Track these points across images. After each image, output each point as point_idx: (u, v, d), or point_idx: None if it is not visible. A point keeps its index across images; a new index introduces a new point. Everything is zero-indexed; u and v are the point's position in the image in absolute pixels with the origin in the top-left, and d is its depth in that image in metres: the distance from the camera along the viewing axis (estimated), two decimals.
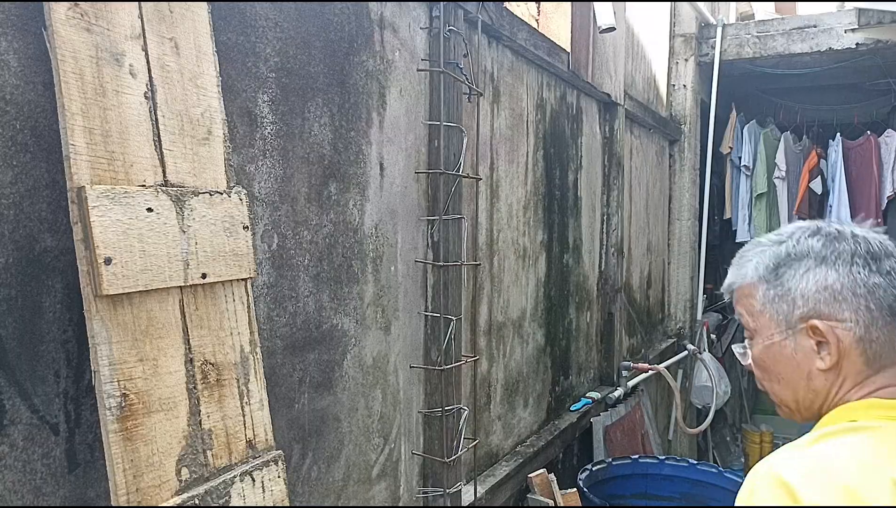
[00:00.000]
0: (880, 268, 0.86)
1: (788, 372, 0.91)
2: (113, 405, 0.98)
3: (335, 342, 1.63)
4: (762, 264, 0.92)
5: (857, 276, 0.86)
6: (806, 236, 0.90)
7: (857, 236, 0.88)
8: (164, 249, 1.05)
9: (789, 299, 0.89)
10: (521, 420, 2.74)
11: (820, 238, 0.89)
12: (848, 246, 0.87)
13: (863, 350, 0.86)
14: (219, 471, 1.13)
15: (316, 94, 1.54)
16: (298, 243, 1.50)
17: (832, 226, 0.90)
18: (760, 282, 0.92)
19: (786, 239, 0.92)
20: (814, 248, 0.89)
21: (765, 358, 0.94)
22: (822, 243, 0.88)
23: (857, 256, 0.87)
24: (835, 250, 0.87)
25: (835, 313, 0.86)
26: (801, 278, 0.88)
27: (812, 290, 0.87)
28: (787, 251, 0.90)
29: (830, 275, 0.86)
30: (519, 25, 2.48)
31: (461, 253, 2.05)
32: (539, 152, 2.78)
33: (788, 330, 0.90)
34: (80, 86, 0.97)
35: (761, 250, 0.93)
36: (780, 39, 4.74)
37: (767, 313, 0.91)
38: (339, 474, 1.66)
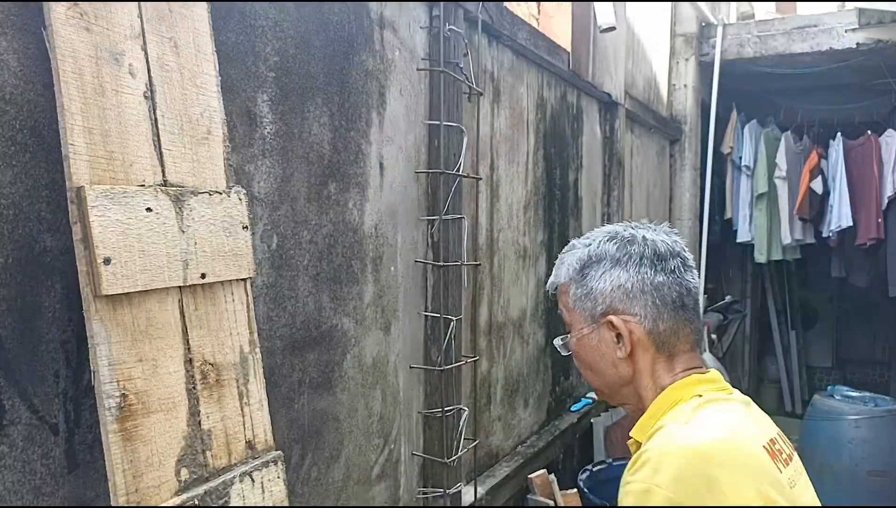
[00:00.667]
0: (665, 267, 0.99)
1: (597, 361, 1.04)
2: (112, 405, 0.98)
3: (335, 342, 1.63)
4: (572, 266, 1.04)
5: (645, 276, 0.98)
6: (605, 240, 1.02)
7: (646, 240, 1.00)
8: (163, 249, 1.05)
9: (592, 298, 1.01)
10: (521, 421, 2.73)
11: (616, 242, 1.01)
12: (637, 249, 0.99)
13: (653, 340, 0.99)
14: (218, 472, 1.13)
15: (316, 93, 1.54)
16: (298, 243, 1.50)
17: (627, 231, 1.02)
18: (571, 282, 1.04)
19: (591, 243, 1.04)
20: (609, 251, 1.01)
21: (578, 349, 1.06)
22: (616, 247, 1.01)
23: (645, 257, 0.99)
24: (626, 253, 1.00)
25: (627, 308, 0.99)
26: (599, 279, 1.00)
27: (608, 289, 1.00)
28: (588, 254, 1.02)
29: (622, 275, 0.99)
30: (519, 25, 2.48)
31: (461, 253, 2.05)
32: (539, 152, 2.77)
33: (593, 324, 1.02)
34: (79, 86, 0.97)
35: (572, 253, 1.05)
36: (780, 39, 4.74)
37: (577, 310, 1.03)
38: (339, 474, 1.66)
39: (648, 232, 1.02)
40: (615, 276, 1.00)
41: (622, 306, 0.99)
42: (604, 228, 1.07)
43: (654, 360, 1.00)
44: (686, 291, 1.00)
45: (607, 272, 1.00)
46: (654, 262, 0.99)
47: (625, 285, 0.99)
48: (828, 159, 5.33)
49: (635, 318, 0.99)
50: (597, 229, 1.09)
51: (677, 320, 0.99)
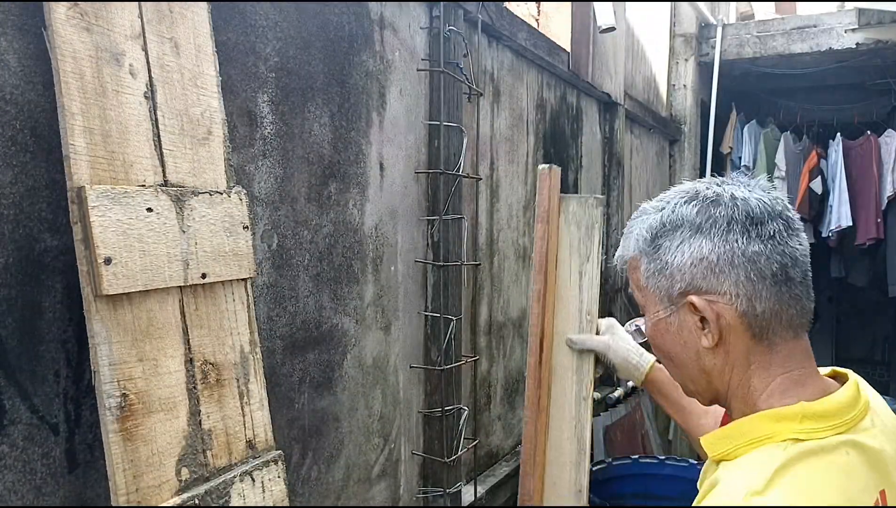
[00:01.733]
0: (761, 233, 0.79)
1: (677, 351, 0.87)
2: (113, 405, 0.98)
3: (335, 342, 1.63)
4: (641, 236, 0.87)
5: (735, 245, 0.79)
6: (682, 202, 0.83)
7: (735, 199, 0.81)
8: (163, 249, 1.05)
9: (668, 274, 0.83)
10: (521, 420, 2.73)
11: (696, 204, 0.82)
12: (725, 211, 0.80)
13: (748, 325, 0.80)
14: (219, 471, 1.13)
15: (316, 94, 1.54)
16: (298, 243, 1.50)
17: (711, 189, 0.83)
18: (642, 255, 0.87)
19: (664, 206, 0.86)
20: (688, 216, 0.82)
21: (655, 335, 0.89)
22: (696, 210, 0.82)
23: (735, 222, 0.79)
24: (710, 217, 0.80)
25: (713, 287, 0.80)
26: (676, 251, 0.82)
27: (688, 263, 0.81)
28: (662, 220, 0.84)
29: (706, 245, 0.80)
30: (519, 25, 2.48)
31: (461, 253, 2.05)
32: (539, 152, 2.78)
33: (671, 306, 0.84)
34: (79, 86, 0.97)
35: (642, 219, 0.88)
36: (780, 39, 4.74)
37: (651, 289, 0.86)
38: (339, 474, 1.66)
39: (739, 189, 0.82)
40: (696, 246, 0.81)
41: (706, 284, 0.80)
42: (682, 186, 0.88)
43: (749, 352, 0.81)
44: (792, 260, 0.79)
45: (686, 242, 0.81)
46: (746, 227, 0.79)
47: (708, 257, 0.80)
48: (827, 160, 5.33)
49: (724, 298, 0.80)
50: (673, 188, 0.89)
51: (780, 298, 0.79)
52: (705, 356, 0.83)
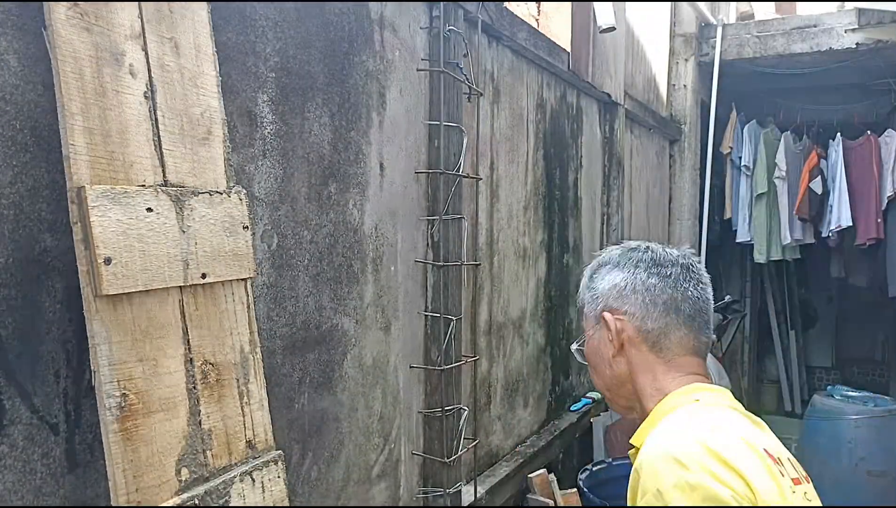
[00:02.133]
0: (661, 272, 1.02)
1: (597, 361, 1.08)
2: (113, 405, 0.98)
3: (335, 342, 1.63)
4: (585, 276, 1.11)
5: (638, 277, 1.03)
6: (615, 251, 1.09)
7: (650, 249, 1.06)
8: (163, 249, 1.05)
9: (595, 298, 1.07)
10: (521, 420, 2.73)
11: (621, 250, 1.08)
12: (638, 254, 1.05)
13: (644, 338, 1.02)
14: (219, 471, 1.13)
15: (316, 93, 1.54)
16: (298, 243, 1.50)
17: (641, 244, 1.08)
18: (584, 290, 1.11)
19: (604, 253, 1.11)
20: (613, 256, 1.07)
21: (587, 353, 1.11)
22: (619, 253, 1.07)
23: (642, 261, 1.04)
24: (626, 257, 1.06)
25: (619, 306, 1.03)
26: (601, 280, 1.07)
27: (606, 288, 1.05)
28: (599, 262, 1.10)
29: (618, 276, 1.04)
30: (519, 25, 2.48)
31: (461, 253, 2.05)
32: (539, 152, 2.77)
33: (596, 325, 1.07)
34: (79, 86, 0.97)
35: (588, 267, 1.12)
36: (780, 39, 4.74)
37: (587, 314, 1.09)
38: (339, 474, 1.66)
39: (659, 247, 1.07)
40: (612, 276, 1.05)
41: (616, 304, 1.04)
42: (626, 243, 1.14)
43: (652, 362, 1.02)
44: (681, 296, 1.02)
45: (608, 274, 1.06)
46: (649, 266, 1.04)
47: (619, 284, 1.04)
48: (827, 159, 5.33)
49: (626, 316, 1.02)
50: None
51: (668, 322, 1.01)
52: (613, 363, 1.05)
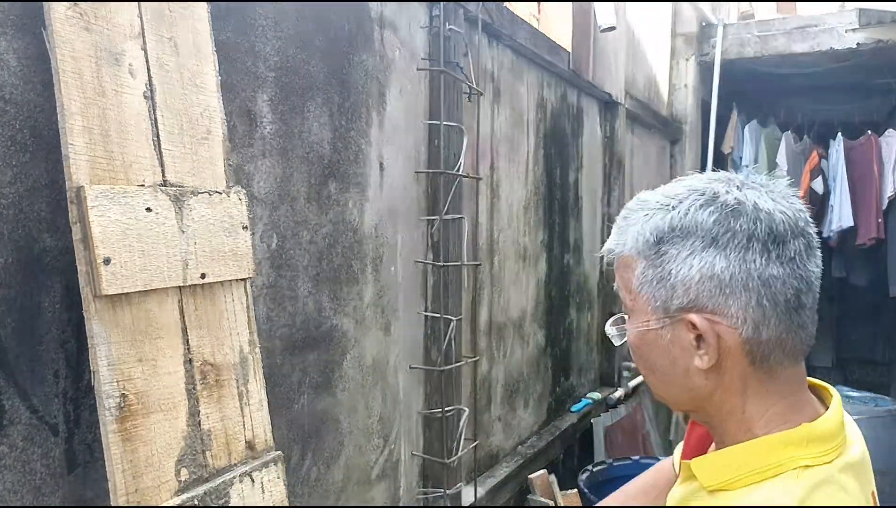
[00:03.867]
0: (782, 254, 0.72)
1: (664, 365, 0.79)
2: (112, 405, 0.98)
3: (335, 342, 1.63)
4: (643, 236, 0.76)
5: (752, 265, 0.71)
6: (698, 205, 0.73)
7: (759, 211, 0.72)
8: (163, 249, 1.05)
9: (668, 285, 0.74)
10: (521, 421, 2.73)
11: (714, 211, 0.72)
12: (746, 225, 0.71)
13: (749, 351, 0.74)
14: (218, 472, 1.13)
15: (315, 93, 1.54)
16: (298, 243, 1.50)
17: (732, 193, 0.73)
18: (640, 257, 0.77)
19: (675, 205, 0.75)
20: (704, 224, 0.72)
21: (639, 344, 0.80)
22: (714, 219, 0.72)
23: (755, 239, 0.71)
24: (729, 230, 0.71)
25: (719, 307, 0.72)
26: (683, 262, 0.73)
27: (696, 278, 0.73)
28: (672, 224, 0.74)
29: (719, 262, 0.72)
30: (519, 24, 2.48)
31: (461, 253, 2.05)
32: (540, 152, 2.77)
33: (666, 319, 0.76)
34: (79, 85, 0.97)
35: (645, 214, 0.77)
36: (781, 39, 4.74)
37: (645, 295, 0.77)
38: (339, 475, 1.66)
39: (762, 197, 0.73)
40: (709, 261, 0.72)
41: (712, 303, 0.73)
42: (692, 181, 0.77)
43: (746, 377, 0.75)
44: (807, 285, 0.73)
45: (697, 254, 0.72)
46: (767, 246, 0.71)
47: (720, 275, 0.72)
48: (828, 159, 5.33)
49: (729, 320, 0.73)
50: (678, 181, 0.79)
51: (789, 326, 0.73)
52: (695, 376, 0.76)
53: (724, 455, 0.77)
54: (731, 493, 0.74)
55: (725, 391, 0.76)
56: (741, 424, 0.77)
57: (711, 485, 0.76)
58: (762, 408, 0.76)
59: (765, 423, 0.76)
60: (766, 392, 0.76)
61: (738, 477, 0.74)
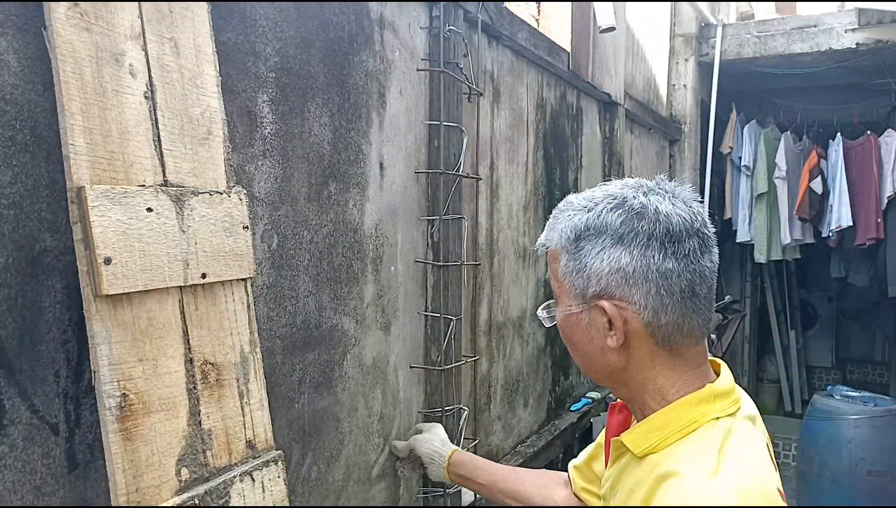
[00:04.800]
0: (678, 251, 0.84)
1: (584, 344, 0.92)
2: (113, 405, 0.98)
3: (335, 342, 1.63)
4: (565, 233, 0.90)
5: (651, 260, 0.84)
6: (609, 208, 0.86)
7: (659, 214, 0.84)
8: (163, 249, 1.05)
9: (584, 275, 0.88)
10: (521, 420, 2.74)
11: (622, 214, 0.85)
12: (647, 226, 0.84)
13: (651, 332, 0.86)
14: (219, 471, 1.13)
15: (316, 93, 1.54)
16: (298, 243, 1.50)
17: (638, 198, 0.86)
18: (563, 251, 0.90)
19: (591, 207, 0.88)
20: (612, 224, 0.86)
21: (564, 326, 0.94)
22: (621, 220, 0.85)
23: (654, 238, 0.84)
24: (633, 230, 0.84)
25: (625, 295, 0.85)
26: (596, 256, 0.86)
27: (605, 270, 0.86)
28: (587, 223, 0.87)
29: (624, 257, 0.85)
30: (519, 25, 2.48)
31: (461, 253, 2.05)
32: (539, 152, 2.78)
33: (584, 304, 0.89)
34: (79, 86, 0.97)
35: (569, 214, 0.90)
36: (780, 39, 4.74)
37: (567, 283, 0.90)
38: (339, 474, 1.66)
39: (664, 201, 0.86)
40: (615, 256, 0.85)
41: (619, 292, 0.86)
42: (609, 187, 0.91)
43: (653, 355, 0.88)
44: (699, 277, 0.86)
45: (606, 250, 0.86)
46: (664, 243, 0.84)
47: (625, 268, 0.85)
48: (827, 159, 5.33)
49: (633, 307, 0.86)
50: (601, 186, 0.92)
51: (684, 311, 0.86)
52: (609, 354, 0.89)
53: (647, 422, 0.89)
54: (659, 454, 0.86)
55: (636, 367, 0.89)
56: (655, 394, 0.89)
57: (641, 451, 0.87)
58: (671, 379, 0.89)
59: (676, 390, 0.89)
60: (672, 366, 0.89)
61: (662, 438, 0.86)
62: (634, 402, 0.93)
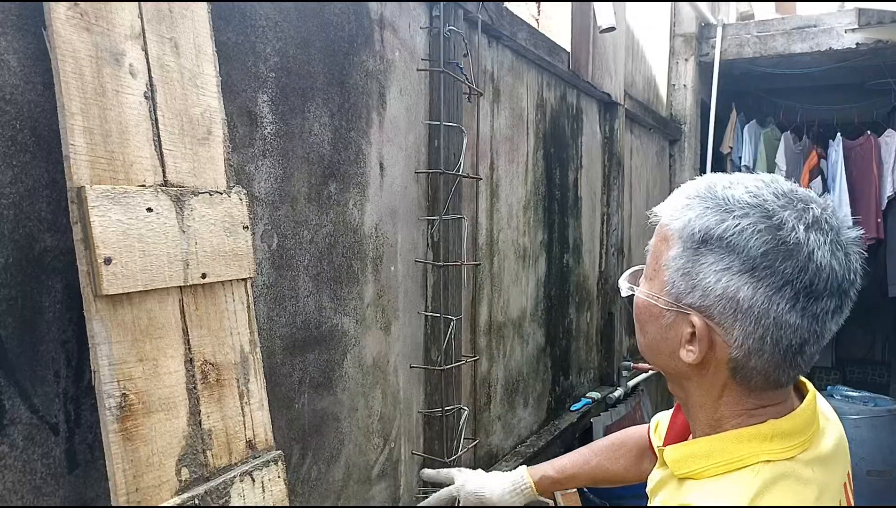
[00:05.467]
0: (808, 308, 0.72)
1: (657, 338, 0.82)
2: (113, 405, 0.98)
3: (335, 341, 1.63)
4: (691, 227, 0.76)
5: (774, 307, 0.72)
6: (757, 229, 0.72)
7: (810, 262, 0.71)
8: (163, 249, 1.05)
9: (691, 283, 0.76)
10: (521, 420, 2.73)
11: (768, 242, 0.71)
12: (789, 270, 0.71)
13: (734, 368, 0.77)
14: (219, 471, 1.13)
15: (316, 94, 1.54)
16: (298, 243, 1.50)
17: (797, 231, 0.71)
18: (679, 241, 0.77)
19: (737, 215, 0.73)
20: (752, 250, 0.72)
21: (642, 310, 0.84)
22: (763, 251, 0.71)
23: (790, 286, 0.71)
24: (770, 267, 0.71)
25: (725, 323, 0.74)
26: (715, 273, 0.74)
27: (718, 292, 0.74)
28: (722, 233, 0.73)
29: (746, 290, 0.72)
30: (519, 25, 2.48)
31: (461, 253, 2.05)
32: (539, 152, 2.77)
33: (674, 305, 0.78)
34: (79, 86, 0.97)
35: (706, 206, 0.76)
36: (780, 39, 4.74)
37: (667, 275, 0.78)
38: (339, 474, 1.66)
39: (824, 244, 0.72)
40: (737, 284, 0.72)
41: (720, 317, 0.74)
42: (772, 188, 0.75)
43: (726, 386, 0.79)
44: (815, 338, 0.74)
45: (730, 273, 0.73)
46: (798, 296, 0.71)
47: (741, 301, 0.73)
48: (827, 160, 5.34)
49: (727, 337, 0.75)
50: (763, 180, 0.76)
51: (781, 364, 0.75)
52: (679, 361, 0.80)
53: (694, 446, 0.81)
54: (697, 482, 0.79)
55: (702, 388, 0.81)
56: (711, 420, 0.81)
57: (680, 473, 0.81)
58: (735, 410, 0.80)
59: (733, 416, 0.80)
60: (741, 401, 0.79)
61: (704, 468, 0.78)
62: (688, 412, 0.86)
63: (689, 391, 0.83)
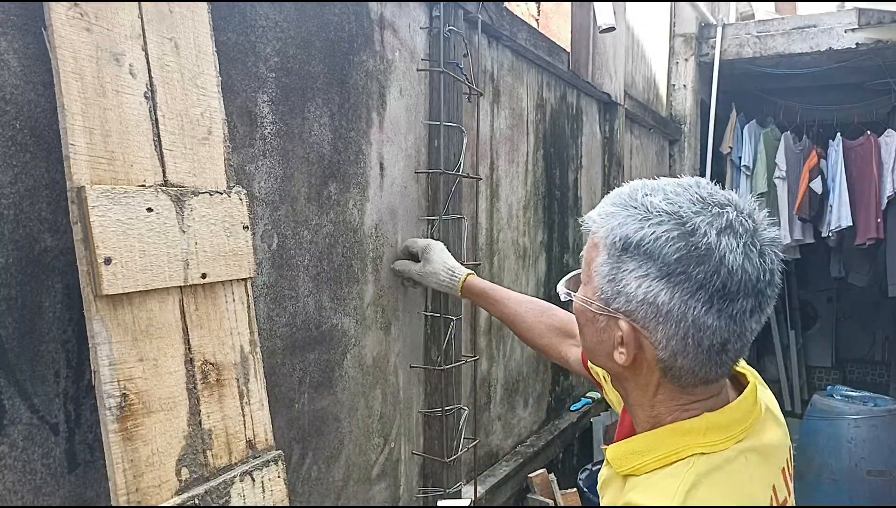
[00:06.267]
0: (724, 309, 0.75)
1: (593, 340, 0.87)
2: (113, 405, 0.98)
3: (335, 341, 1.63)
4: (613, 236, 0.79)
5: (691, 310, 0.75)
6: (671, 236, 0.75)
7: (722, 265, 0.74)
8: (163, 249, 1.05)
9: (615, 289, 0.79)
10: (521, 420, 2.74)
11: (681, 249, 0.74)
12: (702, 274, 0.74)
13: (663, 368, 0.80)
14: (219, 471, 1.13)
15: (316, 94, 1.54)
16: (298, 243, 1.50)
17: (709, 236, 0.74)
18: (605, 249, 0.81)
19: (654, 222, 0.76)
20: (667, 257, 0.75)
21: (580, 313, 0.88)
22: (677, 257, 0.74)
23: (704, 290, 0.74)
24: (684, 273, 0.74)
25: (649, 327, 0.78)
26: (635, 279, 0.77)
27: (639, 297, 0.77)
28: (640, 241, 0.76)
29: (664, 295, 0.75)
30: (519, 25, 2.48)
31: (461, 253, 2.05)
32: (539, 152, 2.78)
33: (605, 309, 0.82)
34: (80, 86, 0.97)
35: (626, 215, 0.79)
36: (780, 39, 4.74)
37: (596, 280, 0.82)
38: (339, 474, 1.66)
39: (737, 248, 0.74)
40: (656, 289, 0.76)
41: (644, 321, 0.78)
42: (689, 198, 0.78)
43: (659, 384, 0.83)
44: (736, 337, 0.77)
45: (649, 279, 0.76)
46: (713, 299, 0.75)
47: (660, 305, 0.76)
48: (827, 159, 5.33)
49: (652, 339, 0.79)
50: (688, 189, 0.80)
51: (705, 363, 0.78)
52: (614, 362, 0.83)
53: (633, 443, 0.85)
54: (638, 478, 0.82)
55: (638, 387, 0.85)
56: (650, 418, 0.85)
57: (622, 471, 0.85)
58: (670, 407, 0.84)
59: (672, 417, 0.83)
60: (676, 397, 0.83)
61: (644, 463, 0.82)
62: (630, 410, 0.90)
63: (628, 390, 0.87)
